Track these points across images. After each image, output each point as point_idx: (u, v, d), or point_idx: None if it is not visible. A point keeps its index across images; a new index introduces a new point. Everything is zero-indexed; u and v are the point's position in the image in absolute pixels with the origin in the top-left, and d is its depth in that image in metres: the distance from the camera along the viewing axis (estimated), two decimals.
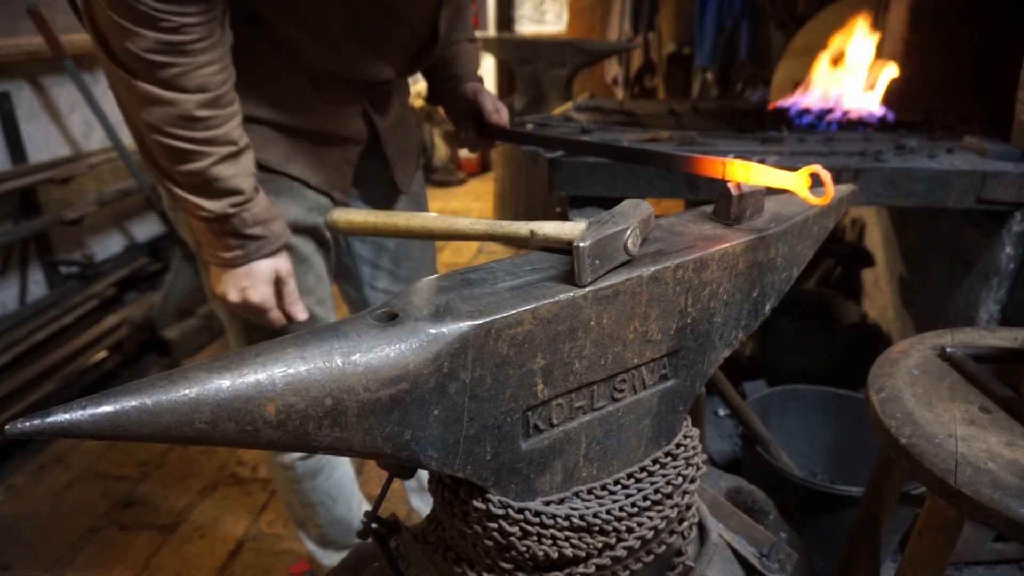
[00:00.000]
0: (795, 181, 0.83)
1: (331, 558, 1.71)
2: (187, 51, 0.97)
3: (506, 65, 4.65)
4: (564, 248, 0.76)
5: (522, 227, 0.82)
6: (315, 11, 1.12)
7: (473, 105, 1.46)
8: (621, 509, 0.76)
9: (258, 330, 1.32)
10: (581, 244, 0.65)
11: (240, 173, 1.07)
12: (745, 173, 0.84)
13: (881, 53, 2.15)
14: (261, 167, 1.20)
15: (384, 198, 1.48)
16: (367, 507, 1.75)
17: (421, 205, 1.57)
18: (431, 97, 1.58)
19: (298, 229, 1.28)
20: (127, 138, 3.34)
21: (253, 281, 1.14)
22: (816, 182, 0.83)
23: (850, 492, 1.52)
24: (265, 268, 1.14)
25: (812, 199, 0.83)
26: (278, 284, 1.18)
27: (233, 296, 1.15)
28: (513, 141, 1.52)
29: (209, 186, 1.05)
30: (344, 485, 1.65)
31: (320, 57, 1.17)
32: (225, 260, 1.12)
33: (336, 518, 1.64)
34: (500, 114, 1.46)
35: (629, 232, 0.69)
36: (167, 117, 0.99)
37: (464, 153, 6.06)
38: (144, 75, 0.97)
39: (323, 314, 1.38)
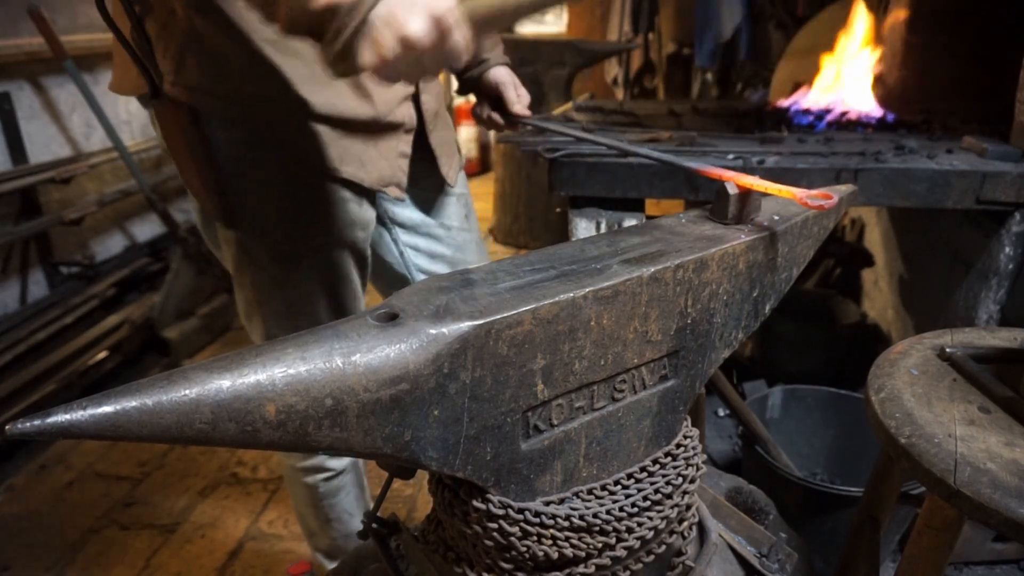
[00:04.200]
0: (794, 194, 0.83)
1: None
2: None
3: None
4: None
5: None
6: None
7: (496, 94, 1.46)
8: (621, 509, 0.76)
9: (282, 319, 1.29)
10: None
11: None
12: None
13: (881, 54, 2.15)
14: (314, 169, 1.17)
15: (434, 199, 1.44)
16: None
17: (469, 207, 1.52)
18: (461, 88, 1.55)
19: (340, 244, 1.25)
20: (127, 138, 3.34)
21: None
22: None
23: (850, 492, 1.52)
24: None
25: (811, 204, 0.83)
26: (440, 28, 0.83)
27: (417, 23, 0.79)
28: (535, 126, 1.52)
29: None
30: (362, 500, 1.65)
31: None
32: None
33: (350, 531, 1.64)
34: (522, 101, 1.45)
35: None
36: None
37: (464, 153, 6.05)
38: None
39: None
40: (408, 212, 1.42)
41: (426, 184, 1.40)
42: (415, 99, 1.27)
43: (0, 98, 2.81)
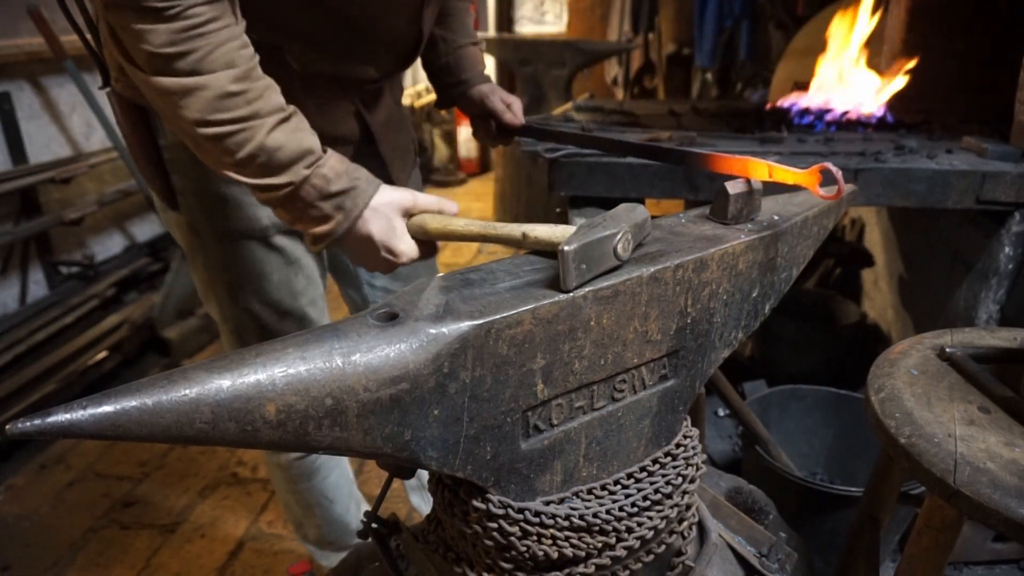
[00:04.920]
0: (807, 178, 0.84)
1: (330, 559, 1.72)
2: (202, 33, 0.95)
3: (506, 65, 4.66)
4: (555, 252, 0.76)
5: (515, 229, 0.82)
6: (296, 17, 1.12)
7: (484, 109, 1.47)
8: (621, 509, 0.76)
9: (250, 332, 1.32)
10: (566, 248, 0.64)
11: (298, 133, 1.01)
12: (763, 171, 0.84)
13: (880, 54, 2.15)
14: None
15: None
16: (366, 507, 1.76)
17: None
18: (440, 103, 1.57)
19: (288, 231, 1.28)
20: None
21: (381, 228, 1.03)
22: (827, 179, 0.83)
23: (850, 492, 1.52)
24: (383, 207, 1.04)
25: (823, 195, 0.84)
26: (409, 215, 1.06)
27: (381, 266, 1.05)
28: (534, 137, 1.52)
29: (273, 159, 0.98)
30: (341, 486, 1.65)
31: (307, 59, 1.16)
32: (333, 231, 1.02)
33: (334, 518, 1.65)
34: (513, 108, 1.46)
35: (619, 237, 0.68)
36: (205, 103, 0.96)
37: (464, 153, 6.06)
38: (169, 70, 0.94)
39: (315, 316, 1.38)
40: None
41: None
42: (357, 114, 1.30)
43: (0, 98, 2.81)
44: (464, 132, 5.95)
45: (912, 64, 1.86)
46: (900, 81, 1.88)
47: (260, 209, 1.26)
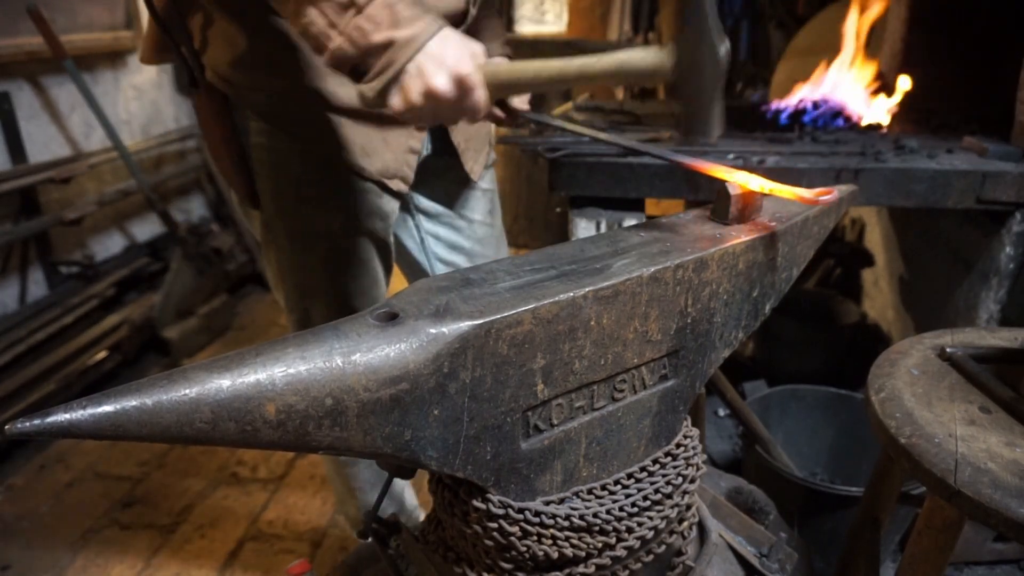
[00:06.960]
0: (799, 195, 0.82)
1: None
2: None
3: None
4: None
5: (607, 60, 0.86)
6: None
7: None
8: (621, 509, 0.76)
9: (314, 325, 1.32)
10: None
11: None
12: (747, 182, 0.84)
13: (881, 54, 2.15)
14: (327, 158, 1.21)
15: (458, 192, 1.44)
16: (411, 496, 1.77)
17: (495, 203, 1.52)
18: None
19: (358, 232, 1.28)
20: (127, 138, 3.34)
21: (455, 46, 0.92)
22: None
23: (850, 492, 1.52)
24: (453, 33, 0.95)
25: (807, 199, 0.83)
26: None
27: (442, 80, 0.91)
28: (534, 122, 1.51)
29: None
30: (383, 476, 1.69)
31: None
32: (415, 38, 0.90)
33: (370, 504, 1.68)
34: (522, 96, 1.42)
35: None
36: None
37: None
38: None
39: None
40: (432, 201, 1.45)
41: (452, 177, 1.42)
42: None
43: (0, 98, 2.81)
44: None
45: (909, 86, 1.87)
46: (900, 91, 1.89)
47: (333, 212, 1.27)
